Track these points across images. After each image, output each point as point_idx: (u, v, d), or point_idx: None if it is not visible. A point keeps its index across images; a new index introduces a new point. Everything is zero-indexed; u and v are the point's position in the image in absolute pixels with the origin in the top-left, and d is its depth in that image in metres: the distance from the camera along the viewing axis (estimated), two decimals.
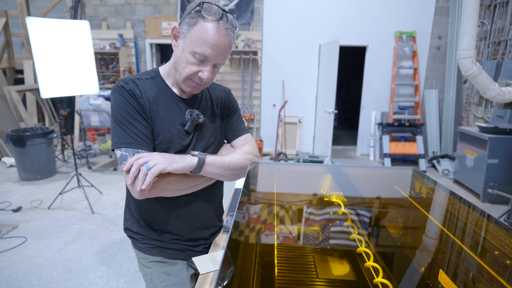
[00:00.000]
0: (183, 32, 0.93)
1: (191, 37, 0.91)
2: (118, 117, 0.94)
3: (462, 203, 1.02)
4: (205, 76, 0.95)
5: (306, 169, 1.37)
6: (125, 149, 0.92)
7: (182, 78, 0.97)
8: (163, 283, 1.09)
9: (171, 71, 1.02)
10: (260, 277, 0.75)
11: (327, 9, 5.55)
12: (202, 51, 0.91)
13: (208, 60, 0.93)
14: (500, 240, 0.87)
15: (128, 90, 0.95)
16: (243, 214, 0.94)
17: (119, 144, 0.93)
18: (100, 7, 5.94)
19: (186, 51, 0.92)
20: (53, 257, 2.61)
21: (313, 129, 6.03)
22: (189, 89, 1.00)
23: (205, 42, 0.90)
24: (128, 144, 0.93)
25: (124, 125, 0.94)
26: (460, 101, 5.62)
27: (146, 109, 0.97)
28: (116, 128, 0.94)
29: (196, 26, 0.90)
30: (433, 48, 5.61)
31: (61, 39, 3.24)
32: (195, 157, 0.95)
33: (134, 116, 0.95)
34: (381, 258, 0.83)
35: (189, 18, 0.91)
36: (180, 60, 0.95)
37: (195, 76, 0.96)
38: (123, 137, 0.93)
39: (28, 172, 4.27)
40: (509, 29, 4.44)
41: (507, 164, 3.75)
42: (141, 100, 0.96)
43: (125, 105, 0.94)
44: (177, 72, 0.98)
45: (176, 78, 1.00)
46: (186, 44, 0.92)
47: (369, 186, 1.19)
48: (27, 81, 5.69)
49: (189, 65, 0.94)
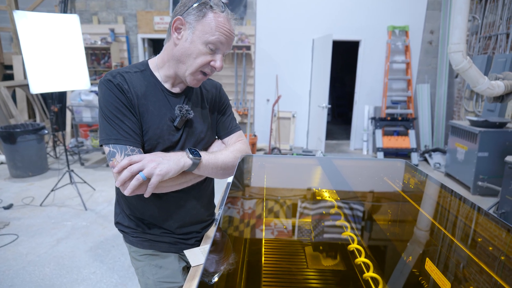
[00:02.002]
0: (190, 23, 0.93)
1: (202, 27, 0.92)
2: (106, 112, 0.93)
3: (445, 191, 1.04)
4: (218, 65, 0.97)
5: (297, 161, 1.38)
6: (113, 145, 0.92)
7: (192, 70, 0.96)
8: (155, 276, 1.10)
9: (167, 65, 1.01)
10: (247, 266, 0.76)
11: (320, 3, 5.54)
12: (217, 38, 0.93)
13: (220, 48, 0.96)
14: (488, 231, 0.88)
15: (116, 84, 0.94)
16: (233, 207, 0.95)
17: (107, 140, 0.92)
18: (91, 1, 5.85)
19: (198, 42, 0.93)
20: (46, 254, 2.59)
21: (307, 124, 6.04)
22: (195, 82, 0.99)
23: (219, 30, 0.93)
24: (116, 140, 0.92)
25: (112, 120, 0.92)
26: (451, 95, 5.68)
27: (135, 103, 0.96)
28: (104, 123, 0.93)
29: (207, 17, 0.92)
30: (425, 43, 5.64)
31: (50, 34, 3.19)
32: (189, 160, 0.95)
33: (122, 111, 0.93)
34: (366, 245, 0.85)
35: (195, 10, 0.92)
36: (188, 51, 0.94)
37: (206, 67, 0.97)
38: (111, 133, 0.92)
39: (19, 169, 4.22)
40: (500, 24, 4.48)
41: (496, 157, 3.81)
42: (129, 95, 0.95)
43: (113, 99, 0.93)
44: (184, 65, 0.96)
45: (181, 72, 0.98)
46: (196, 35, 0.93)
47: (359, 178, 1.20)
48: (16, 77, 5.60)
49: (202, 55, 0.94)
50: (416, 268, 0.77)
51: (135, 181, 0.86)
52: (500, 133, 3.82)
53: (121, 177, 0.86)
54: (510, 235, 0.81)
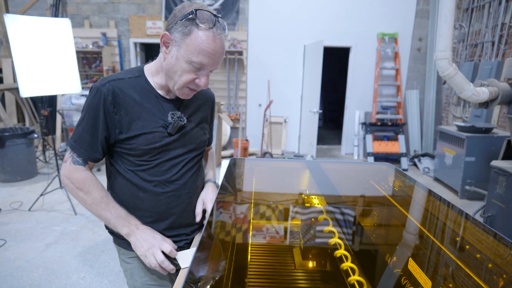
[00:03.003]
0: (176, 40, 0.92)
1: (186, 46, 0.90)
2: (84, 115, 0.99)
3: (419, 188, 1.07)
4: (203, 83, 0.97)
5: (285, 165, 1.41)
6: (70, 145, 1.00)
7: (178, 86, 0.97)
8: (143, 279, 1.10)
9: (160, 74, 1.02)
10: (233, 268, 0.77)
11: (311, 10, 5.63)
12: (200, 60, 0.92)
13: (205, 68, 0.95)
14: (468, 231, 0.92)
15: (102, 94, 0.96)
16: (221, 210, 0.96)
17: (71, 138, 1.01)
18: (83, 5, 5.83)
19: (182, 60, 0.92)
20: (34, 259, 2.56)
21: (299, 129, 6.09)
22: (184, 95, 1.02)
23: (202, 51, 0.90)
24: (74, 143, 1.00)
25: (82, 125, 0.98)
26: (440, 101, 5.80)
27: (122, 111, 0.98)
28: (79, 122, 1.00)
29: (192, 35, 0.89)
30: (414, 50, 5.77)
31: (41, 38, 3.17)
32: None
33: (92, 123, 0.98)
34: (348, 240, 0.87)
35: (181, 26, 0.90)
36: (174, 68, 0.95)
37: (191, 83, 0.98)
38: (75, 135, 1.00)
39: (8, 174, 4.16)
40: (486, 32, 4.62)
41: (483, 161, 3.90)
42: (113, 105, 0.97)
43: (92, 108, 0.97)
44: (172, 80, 0.98)
45: (170, 85, 1.00)
46: (181, 53, 0.92)
47: (345, 181, 1.23)
48: (5, 80, 5.53)
49: (186, 73, 0.94)
50: (394, 264, 0.79)
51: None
52: (486, 138, 3.91)
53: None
54: (469, 221, 0.84)
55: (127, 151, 1.03)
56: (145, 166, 1.04)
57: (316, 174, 1.22)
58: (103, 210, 1.00)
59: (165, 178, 1.07)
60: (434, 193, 1.02)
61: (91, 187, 1.00)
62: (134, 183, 1.05)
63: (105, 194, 1.02)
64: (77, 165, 0.99)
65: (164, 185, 1.07)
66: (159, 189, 1.07)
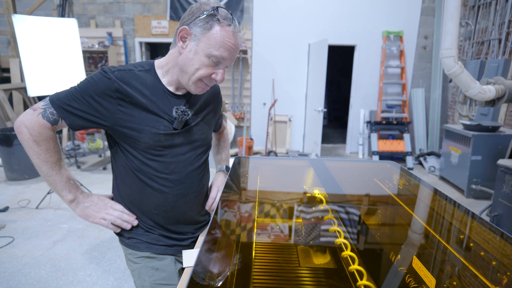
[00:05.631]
0: (196, 34, 0.93)
1: (207, 40, 0.93)
2: (79, 85, 0.96)
3: (425, 187, 1.07)
4: (219, 78, 0.99)
5: (290, 163, 1.41)
6: (50, 99, 0.96)
7: (193, 80, 0.98)
8: (151, 278, 1.11)
9: (171, 70, 1.02)
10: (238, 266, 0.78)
11: (316, 8, 5.61)
12: (220, 54, 0.94)
13: (223, 62, 0.97)
14: (475, 230, 0.91)
15: (111, 80, 0.95)
16: (226, 208, 0.97)
17: (54, 94, 0.97)
18: (89, 5, 5.88)
19: (201, 54, 0.94)
20: (42, 256, 2.59)
21: (303, 128, 6.08)
22: (198, 90, 1.02)
23: (223, 45, 0.93)
24: (56, 101, 0.95)
25: (72, 92, 0.95)
26: (446, 99, 5.75)
27: (127, 101, 0.97)
28: (71, 90, 0.96)
29: (213, 30, 0.92)
30: (420, 48, 5.72)
31: (48, 37, 3.21)
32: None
33: (84, 96, 0.94)
34: (356, 245, 0.87)
35: (202, 21, 0.92)
36: (191, 62, 0.96)
37: (207, 78, 0.99)
38: (60, 94, 0.96)
39: (15, 172, 4.22)
40: (492, 30, 4.56)
41: (489, 160, 3.86)
42: (115, 94, 0.96)
43: (90, 85, 0.95)
44: (186, 74, 0.98)
45: (184, 80, 1.00)
46: (201, 47, 0.94)
47: (350, 179, 1.23)
48: (13, 80, 5.59)
49: (204, 67, 0.96)
50: (395, 259, 0.79)
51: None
52: (492, 136, 3.87)
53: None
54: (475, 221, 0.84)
55: (131, 147, 1.02)
56: (151, 162, 1.04)
57: (320, 173, 1.23)
58: (54, 171, 0.99)
59: (171, 175, 1.07)
60: (440, 192, 1.02)
61: (51, 147, 0.97)
62: (140, 179, 1.06)
63: (61, 158, 1.01)
64: (45, 121, 0.94)
65: (170, 182, 1.08)
66: (165, 187, 1.07)
